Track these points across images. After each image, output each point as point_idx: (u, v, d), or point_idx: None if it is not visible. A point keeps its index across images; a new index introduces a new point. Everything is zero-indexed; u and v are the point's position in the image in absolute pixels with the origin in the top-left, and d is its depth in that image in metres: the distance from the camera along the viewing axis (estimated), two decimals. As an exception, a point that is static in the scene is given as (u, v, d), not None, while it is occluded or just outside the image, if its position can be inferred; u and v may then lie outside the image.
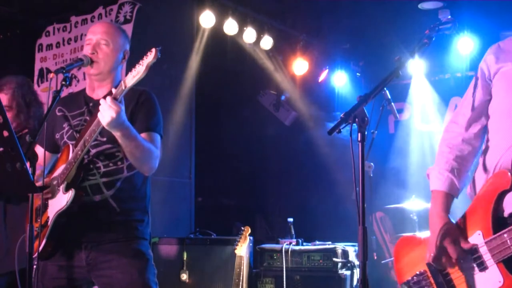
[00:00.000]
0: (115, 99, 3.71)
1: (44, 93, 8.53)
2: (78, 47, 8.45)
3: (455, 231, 3.47)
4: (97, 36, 4.19)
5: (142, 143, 3.95)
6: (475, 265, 3.37)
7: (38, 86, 8.83)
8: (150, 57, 3.61)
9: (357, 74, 9.77)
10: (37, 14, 8.71)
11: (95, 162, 4.07)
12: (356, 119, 3.23)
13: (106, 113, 3.69)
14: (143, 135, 4.05)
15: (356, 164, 3.21)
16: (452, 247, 3.44)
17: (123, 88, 3.72)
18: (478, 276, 3.36)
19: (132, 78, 3.67)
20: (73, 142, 4.07)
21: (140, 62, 3.64)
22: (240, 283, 6.39)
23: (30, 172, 3.46)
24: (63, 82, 3.82)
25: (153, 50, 3.61)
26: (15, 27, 8.86)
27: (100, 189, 4.06)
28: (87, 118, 4.11)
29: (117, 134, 3.82)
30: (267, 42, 8.97)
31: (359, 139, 3.22)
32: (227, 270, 6.73)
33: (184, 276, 7.15)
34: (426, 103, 9.13)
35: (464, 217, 3.50)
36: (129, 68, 3.76)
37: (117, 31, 4.32)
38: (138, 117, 4.08)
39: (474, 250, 3.37)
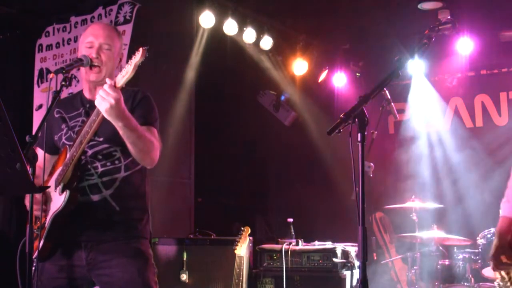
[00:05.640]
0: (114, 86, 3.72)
1: (44, 93, 8.55)
2: (78, 47, 8.43)
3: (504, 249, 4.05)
4: (99, 40, 4.20)
5: (143, 133, 3.95)
6: None
7: (38, 86, 8.81)
8: (137, 57, 3.62)
9: (357, 74, 9.77)
10: (36, 15, 8.70)
11: (92, 162, 4.08)
12: (356, 120, 3.24)
13: (105, 100, 3.68)
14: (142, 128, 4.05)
15: (356, 164, 3.21)
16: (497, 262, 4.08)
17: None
18: None
19: (122, 78, 3.69)
20: (71, 143, 4.07)
21: (129, 62, 3.66)
22: (240, 283, 6.39)
23: (30, 172, 3.46)
24: (63, 83, 3.83)
25: (141, 49, 3.62)
26: (15, 27, 8.85)
27: (99, 188, 4.06)
28: (84, 119, 4.12)
29: (118, 125, 3.79)
30: (267, 42, 8.97)
31: (359, 139, 3.23)
32: (227, 271, 6.72)
33: (184, 277, 7.15)
34: (426, 104, 9.13)
35: None
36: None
37: (117, 34, 4.37)
38: (136, 114, 4.06)
39: None
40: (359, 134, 3.24)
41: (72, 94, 4.63)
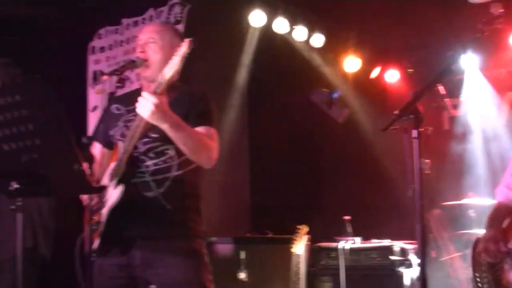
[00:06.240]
0: (153, 92, 3.79)
1: (98, 95, 8.66)
2: (131, 48, 8.52)
3: (498, 236, 3.94)
4: (145, 36, 4.28)
5: (193, 133, 4.02)
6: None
7: (93, 88, 8.93)
8: (183, 48, 3.73)
9: (409, 70, 9.68)
10: (88, 18, 8.80)
11: (144, 160, 4.12)
12: (411, 116, 3.22)
13: (145, 106, 3.77)
14: (197, 128, 4.10)
15: (411, 161, 3.19)
16: (492, 249, 3.95)
17: (161, 80, 3.81)
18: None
19: (169, 70, 3.78)
20: (124, 138, 4.14)
21: (175, 54, 3.75)
22: (298, 281, 6.39)
23: (87, 173, 3.51)
24: (117, 84, 3.88)
25: (186, 41, 3.73)
26: (67, 31, 8.96)
27: (150, 187, 4.10)
28: None
29: (164, 127, 3.86)
30: (318, 39, 8.94)
31: (414, 135, 3.21)
32: (285, 269, 6.72)
33: (242, 275, 7.17)
34: (481, 98, 9.00)
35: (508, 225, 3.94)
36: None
37: (165, 29, 4.43)
38: (193, 113, 4.13)
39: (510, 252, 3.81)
40: (414, 131, 3.22)
41: (131, 90, 4.70)
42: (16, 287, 3.59)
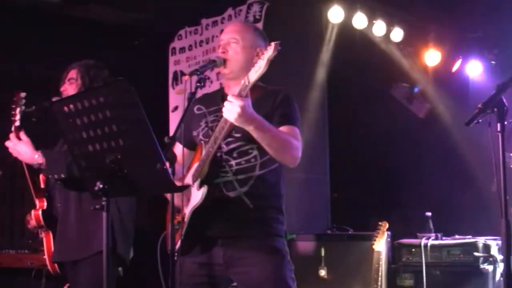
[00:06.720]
0: (239, 95, 3.81)
1: (179, 95, 8.76)
2: (210, 48, 8.60)
3: None
4: (227, 36, 4.31)
5: (277, 133, 4.04)
6: None
7: (173, 88, 9.04)
8: (270, 51, 3.69)
9: (492, 62, 9.50)
10: (167, 19, 8.90)
11: (227, 160, 4.16)
12: (495, 109, 3.17)
13: (231, 110, 3.79)
14: (281, 128, 4.11)
15: (495, 155, 3.14)
16: None
17: (247, 83, 3.81)
18: None
19: (255, 73, 3.76)
20: (207, 139, 4.18)
21: (261, 57, 3.74)
22: (379, 278, 6.34)
23: (170, 172, 3.56)
24: (198, 84, 3.93)
25: (272, 44, 3.71)
26: (147, 33, 9.09)
27: (234, 186, 4.13)
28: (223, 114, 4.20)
29: (249, 129, 3.89)
30: (397, 34, 8.86)
31: (498, 129, 3.16)
32: (365, 266, 6.68)
33: (323, 272, 7.16)
34: None
35: None
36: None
37: (247, 28, 4.44)
38: (277, 113, 4.15)
39: None
40: (498, 124, 3.17)
41: (213, 91, 4.76)
42: (99, 283, 3.65)
